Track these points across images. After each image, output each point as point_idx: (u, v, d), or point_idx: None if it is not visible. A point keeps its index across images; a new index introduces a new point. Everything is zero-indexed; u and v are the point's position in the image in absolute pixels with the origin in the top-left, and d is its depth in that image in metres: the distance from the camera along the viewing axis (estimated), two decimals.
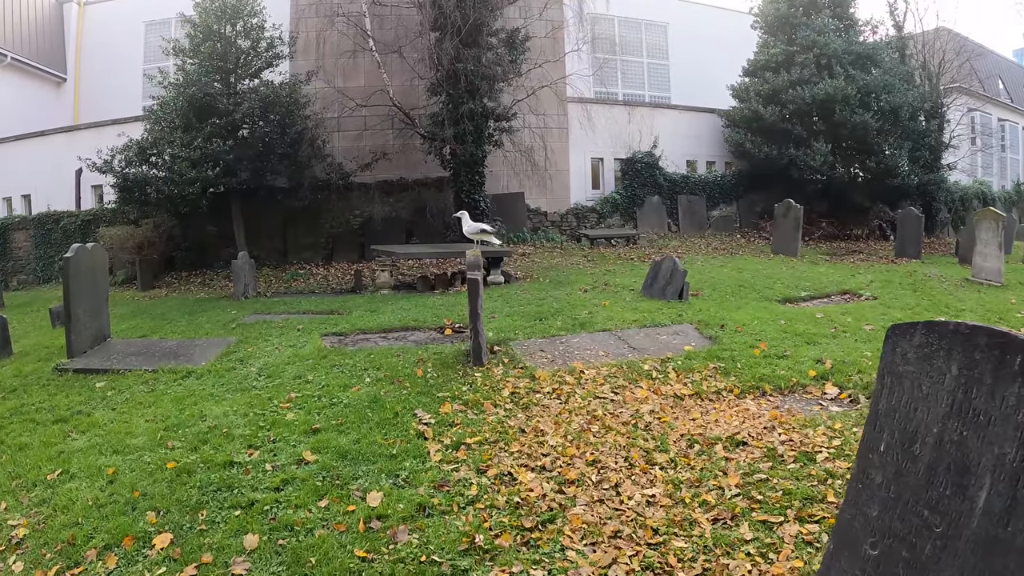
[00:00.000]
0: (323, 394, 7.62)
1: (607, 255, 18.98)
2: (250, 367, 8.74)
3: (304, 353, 9.19)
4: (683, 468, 5.65)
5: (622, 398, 7.37)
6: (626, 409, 7.01)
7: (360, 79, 18.66)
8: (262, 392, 7.78)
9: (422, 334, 10.72)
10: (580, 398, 7.36)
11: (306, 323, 11.07)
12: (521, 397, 7.52)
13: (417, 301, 12.92)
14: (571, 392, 7.58)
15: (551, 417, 6.85)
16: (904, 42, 24.42)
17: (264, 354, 9.32)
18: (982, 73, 28.93)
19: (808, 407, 7.08)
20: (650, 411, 6.86)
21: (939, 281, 15.32)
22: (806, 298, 13.08)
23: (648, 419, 6.70)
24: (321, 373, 8.34)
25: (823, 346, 8.96)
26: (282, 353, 9.27)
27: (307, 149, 16.81)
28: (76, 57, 25.05)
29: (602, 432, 6.43)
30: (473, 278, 8.52)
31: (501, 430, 6.60)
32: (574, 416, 6.85)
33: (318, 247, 18.57)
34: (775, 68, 22.61)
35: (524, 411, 7.13)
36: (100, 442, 6.57)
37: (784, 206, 19.82)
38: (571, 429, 6.52)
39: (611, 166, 23.44)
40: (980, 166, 29.45)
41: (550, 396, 7.49)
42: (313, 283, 16.08)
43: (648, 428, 6.52)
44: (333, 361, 8.81)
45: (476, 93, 17.02)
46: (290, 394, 7.60)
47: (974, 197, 27.86)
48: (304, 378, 8.17)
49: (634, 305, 11.73)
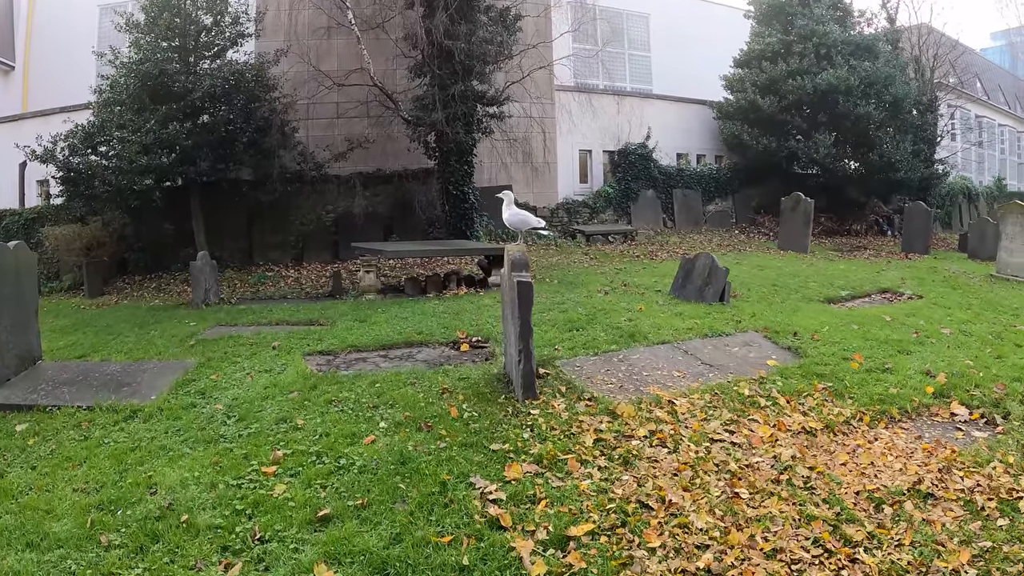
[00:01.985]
0: (323, 450, 5.18)
1: (609, 253, 16.90)
2: (215, 403, 6.23)
3: (285, 381, 6.71)
4: (890, 546, 4.23)
5: (744, 439, 5.63)
6: (759, 456, 5.35)
7: (334, 61, 16.08)
8: (234, 445, 5.31)
9: (432, 351, 8.26)
10: (691, 443, 5.50)
11: (282, 338, 8.53)
12: (612, 446, 5.42)
13: (412, 308, 10.44)
14: (675, 435, 5.65)
15: (670, 477, 4.96)
16: (897, 35, 23.26)
17: (232, 383, 6.81)
18: (960, 69, 28.03)
19: (948, 433, 6.02)
20: (792, 457, 5.27)
21: (966, 277, 14.37)
22: (847, 297, 11.91)
23: (800, 470, 5.10)
24: (314, 413, 5.90)
25: (918, 355, 7.88)
26: (256, 382, 6.77)
27: (276, 136, 14.37)
28: (26, 44, 22.17)
29: (756, 498, 4.72)
30: (523, 280, 6.09)
31: (614, 507, 4.48)
32: (701, 473, 5.02)
33: (287, 246, 15.96)
34: (772, 58, 21.07)
35: (627, 469, 5.09)
36: (9, 525, 4.28)
37: (793, 199, 18.21)
38: (712, 497, 4.70)
39: (600, 158, 21.39)
40: (959, 162, 28.70)
41: (650, 442, 5.51)
42: (284, 287, 13.44)
43: (808, 485, 4.92)
44: (326, 393, 6.35)
45: (468, 74, 14.65)
46: (275, 451, 5.12)
47: (959, 192, 27.29)
48: (291, 422, 5.72)
49: (675, 309, 10.02)
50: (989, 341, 8.69)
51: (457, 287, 12.21)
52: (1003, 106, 35.73)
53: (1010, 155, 35.57)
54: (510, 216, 8.92)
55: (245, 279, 13.82)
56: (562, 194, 20.05)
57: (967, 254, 18.41)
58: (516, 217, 8.86)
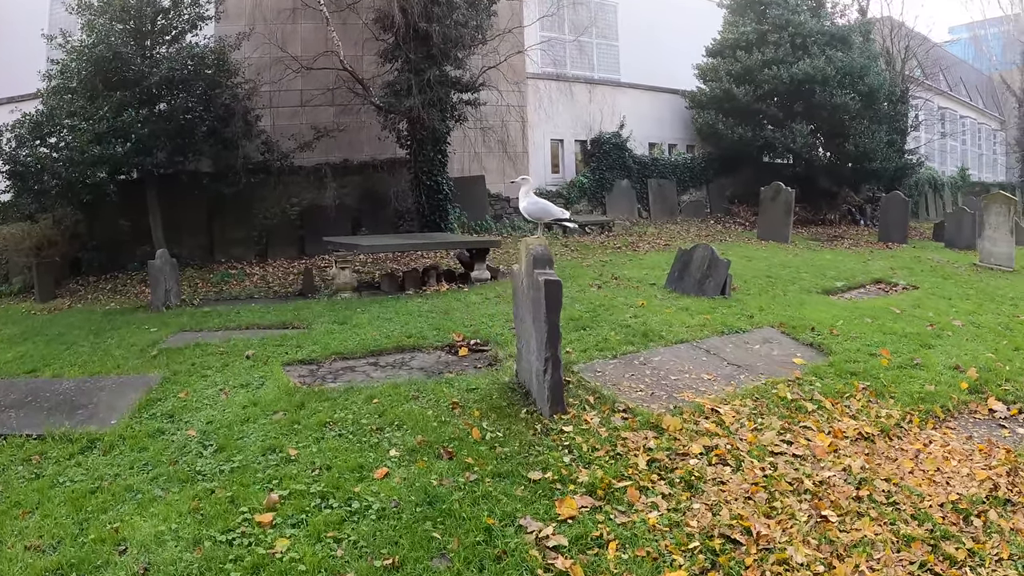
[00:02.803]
0: (328, 489, 4.22)
1: (589, 244, 16.08)
2: (186, 429, 5.23)
3: (266, 399, 5.72)
4: (991, 561, 3.84)
5: (805, 450, 5.08)
6: (829, 470, 4.79)
7: (299, 46, 14.88)
8: (216, 484, 4.34)
9: (427, 356, 7.31)
10: (752, 458, 4.87)
11: (256, 345, 7.49)
12: (668, 467, 4.72)
13: (394, 307, 9.47)
14: (732, 449, 4.98)
15: (744, 501, 4.31)
16: (869, 27, 22.86)
17: (204, 402, 5.80)
18: (931, 62, 28.29)
19: (994, 432, 5.69)
20: (861, 468, 4.75)
21: (952, 267, 14.27)
22: (843, 289, 11.57)
23: (878, 484, 4.60)
24: (307, 439, 4.94)
25: (940, 349, 7.56)
26: (232, 400, 5.78)
27: (238, 125, 13.19)
28: None
29: (845, 520, 4.15)
30: (551, 279, 5.18)
31: (697, 545, 3.83)
32: (777, 495, 4.40)
33: (250, 242, 14.77)
34: (746, 47, 20.52)
35: (694, 495, 4.40)
36: None
37: (773, 189, 17.65)
38: (801, 524, 4.08)
39: (571, 148, 20.51)
40: (929, 152, 28.80)
41: (708, 460, 4.83)
42: (250, 286, 12.29)
43: (891, 500, 4.43)
44: (317, 413, 5.39)
45: (444, 58, 13.68)
46: (270, 493, 4.14)
47: (925, 182, 27.14)
48: (281, 452, 4.75)
49: (678, 304, 9.37)
50: (1001, 332, 8.48)
51: (437, 283, 11.27)
52: (965, 98, 35.93)
53: (971, 146, 35.80)
54: (529, 205, 7.28)
55: (207, 278, 12.63)
56: (535, 184, 19.15)
57: (944, 243, 18.23)
58: (536, 207, 7.21)
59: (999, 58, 40.20)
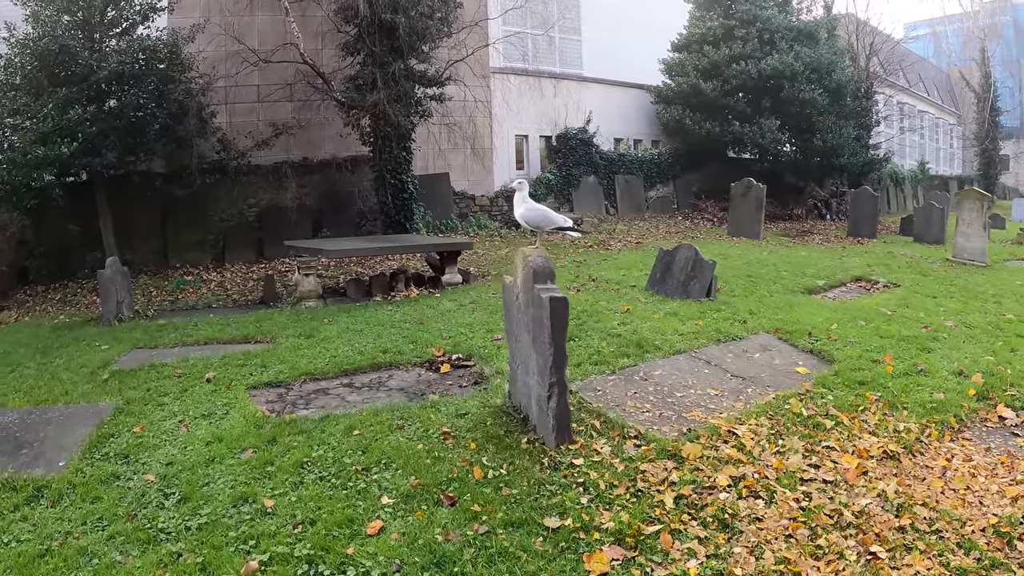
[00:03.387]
0: (315, 552, 3.59)
1: (559, 243, 15.53)
2: (143, 472, 4.54)
3: (232, 433, 5.04)
4: None
5: (834, 474, 4.67)
6: (864, 496, 4.39)
7: (255, 39, 14.05)
8: (183, 547, 3.69)
9: (406, 375, 6.70)
10: (784, 488, 4.43)
11: (216, 365, 6.79)
12: (697, 504, 4.21)
13: (364, 316, 8.81)
14: (760, 478, 4.53)
15: (785, 539, 3.88)
16: (834, 23, 22.78)
17: (163, 438, 5.10)
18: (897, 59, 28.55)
19: (1009, 441, 5.51)
20: (895, 492, 4.43)
21: (926, 263, 14.16)
22: (825, 287, 11.35)
23: (918, 511, 4.23)
24: (283, 484, 4.31)
25: (939, 353, 7.40)
26: (193, 435, 5.09)
27: (192, 122, 12.35)
28: None
29: (895, 556, 3.77)
30: (556, 296, 4.61)
31: None
32: (819, 531, 3.98)
33: (206, 245, 13.93)
34: (714, 42, 20.28)
35: (732, 536, 3.91)
36: None
37: (744, 185, 17.34)
38: (852, 564, 3.69)
39: (536, 144, 19.94)
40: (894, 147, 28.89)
41: (738, 493, 4.36)
42: (207, 294, 11.40)
43: (934, 528, 4.09)
44: (292, 450, 4.74)
45: (411, 51, 13.03)
46: (249, 563, 3.49)
47: (887, 176, 27.17)
48: (255, 502, 4.11)
49: (664, 308, 8.96)
50: (992, 333, 8.34)
51: (406, 288, 10.63)
52: (923, 94, 36.35)
53: (930, 140, 36.17)
54: (527, 212, 6.13)
55: (162, 285, 11.75)
56: (499, 181, 18.57)
57: (913, 238, 18.19)
58: (535, 213, 6.10)
59: (958, 54, 40.78)
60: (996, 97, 33.64)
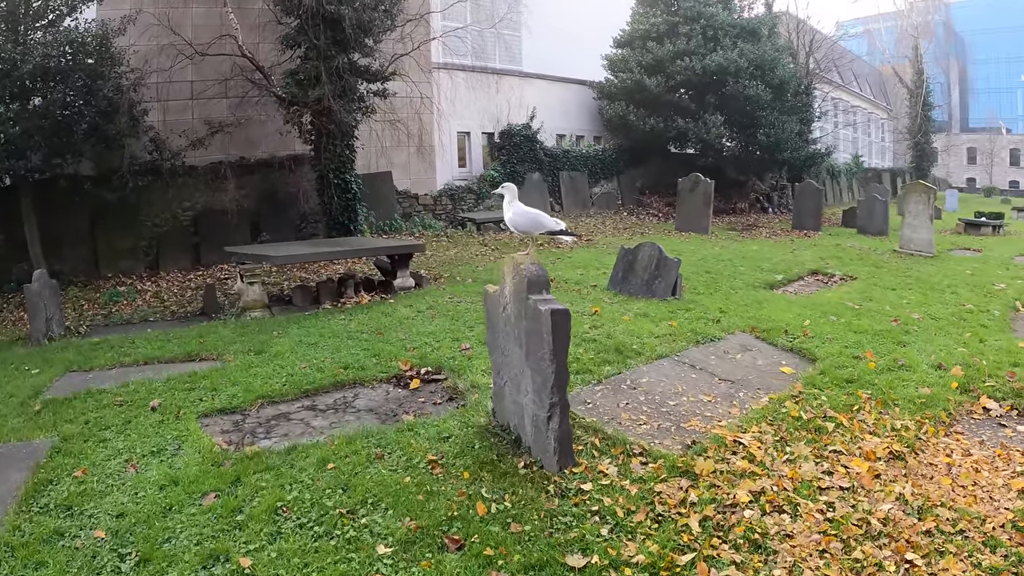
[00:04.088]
0: None
1: (508, 242, 15.12)
2: (92, 529, 3.83)
3: (188, 473, 4.38)
4: None
5: (848, 479, 4.46)
6: (883, 501, 4.20)
7: (189, 32, 13.04)
8: None
9: (373, 393, 6.09)
10: (805, 499, 4.17)
11: (161, 390, 6.05)
12: (723, 525, 3.87)
13: (316, 327, 8.15)
14: (779, 491, 4.26)
15: (820, 556, 3.65)
16: (775, 21, 23.07)
17: (109, 482, 4.37)
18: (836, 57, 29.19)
19: (998, 433, 5.46)
20: (912, 494, 4.28)
21: (875, 254, 14.33)
22: (784, 282, 11.32)
23: (939, 512, 4.06)
24: (258, 537, 3.68)
25: (914, 346, 7.35)
26: (145, 477, 4.40)
27: (123, 121, 11.41)
28: None
29: (930, 562, 3.62)
30: (557, 309, 4.08)
31: None
32: (852, 543, 3.75)
33: (140, 252, 12.92)
34: (657, 38, 20.16)
35: (767, 558, 3.60)
36: None
37: (691, 181, 17.24)
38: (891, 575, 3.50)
39: (479, 141, 19.45)
40: (833, 141, 29.43)
41: (761, 508, 4.05)
42: (143, 306, 10.45)
43: (958, 528, 3.92)
44: (260, 493, 4.12)
45: (357, 45, 12.39)
46: None
47: (824, 170, 27.66)
48: (229, 561, 3.47)
49: (631, 308, 8.68)
50: (959, 324, 8.39)
51: (356, 294, 10.00)
52: (857, 89, 36.98)
53: (863, 134, 36.89)
54: (515, 217, 5.27)
55: (94, 298, 10.75)
56: (443, 180, 18.02)
57: (856, 229, 18.26)
58: (524, 217, 5.30)
59: (892, 51, 41.70)
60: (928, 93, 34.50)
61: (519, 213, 5.08)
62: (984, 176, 61.52)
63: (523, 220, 5.08)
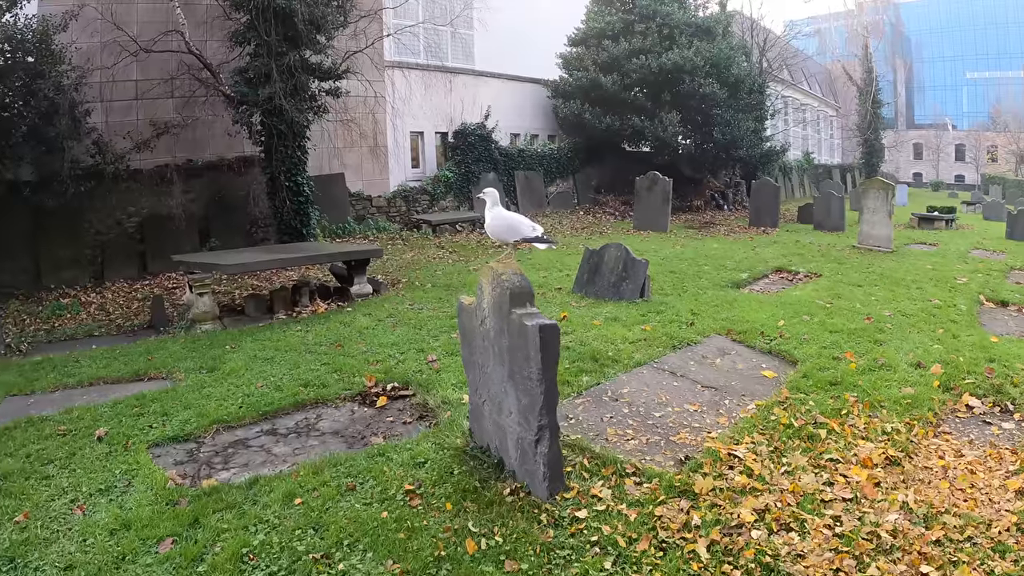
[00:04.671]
0: None
1: (465, 244, 14.79)
2: None
3: (140, 514, 3.93)
4: None
5: (849, 490, 4.28)
6: (888, 511, 4.03)
7: (135, 27, 12.27)
8: None
9: (337, 413, 5.69)
10: (811, 515, 3.95)
11: (108, 416, 5.53)
12: (732, 549, 3.61)
13: (271, 340, 7.68)
14: (783, 506, 4.05)
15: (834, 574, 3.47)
16: (729, 20, 23.04)
17: (55, 528, 3.90)
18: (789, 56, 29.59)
19: (985, 431, 5.42)
20: (915, 501, 4.15)
21: (835, 250, 14.35)
22: (749, 280, 11.23)
23: (946, 520, 3.92)
24: None
25: (891, 345, 7.28)
26: (93, 521, 3.93)
27: (64, 123, 10.66)
28: None
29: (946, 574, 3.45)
30: (546, 324, 3.75)
31: None
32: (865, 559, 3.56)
33: (83, 262, 12.13)
34: (613, 36, 20.05)
35: None
36: None
37: (650, 179, 17.13)
38: None
39: (432, 141, 19.08)
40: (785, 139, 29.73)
41: (768, 527, 3.82)
42: (88, 320, 9.76)
43: (967, 536, 3.77)
44: (223, 536, 3.70)
45: (310, 42, 11.90)
46: None
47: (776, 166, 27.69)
48: None
49: (600, 312, 8.51)
50: (930, 320, 8.34)
51: (312, 302, 9.57)
52: (806, 88, 37.49)
53: (812, 132, 37.37)
54: (495, 221, 4.75)
55: (35, 312, 10.01)
56: (396, 181, 17.60)
57: (813, 225, 18.32)
58: (503, 223, 4.73)
59: (842, 50, 42.32)
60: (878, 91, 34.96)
61: (496, 217, 4.71)
62: (931, 171, 63.17)
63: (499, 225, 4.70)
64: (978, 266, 12.58)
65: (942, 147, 64.32)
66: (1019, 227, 17.74)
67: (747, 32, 24.61)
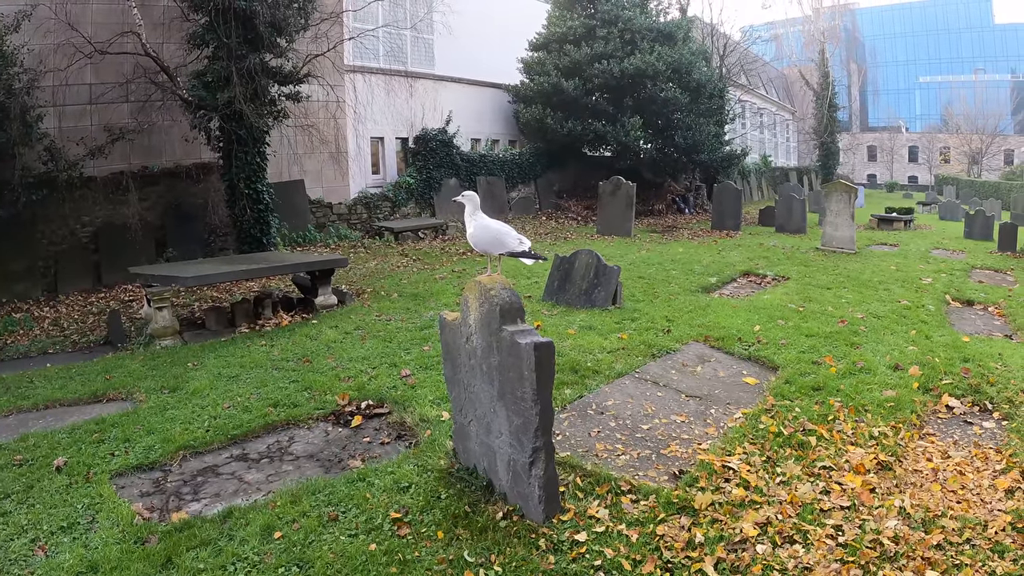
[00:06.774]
0: None
1: (428, 251, 14.51)
2: None
3: (108, 555, 3.64)
4: None
5: (847, 498, 4.22)
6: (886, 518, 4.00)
7: (89, 28, 11.69)
8: None
9: (310, 435, 5.41)
10: (812, 525, 3.89)
11: (66, 443, 5.18)
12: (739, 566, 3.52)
13: (235, 356, 7.35)
14: (784, 519, 3.96)
15: None
16: (689, 25, 23.25)
17: (15, 572, 3.57)
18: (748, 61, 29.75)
19: (967, 431, 5.43)
20: (912, 506, 4.11)
21: (800, 252, 14.34)
22: (719, 284, 11.08)
23: (944, 523, 3.92)
24: None
25: (867, 347, 7.29)
26: (56, 563, 3.62)
27: (15, 128, 10.10)
28: None
29: None
30: (541, 342, 3.54)
31: None
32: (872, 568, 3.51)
33: (35, 274, 11.64)
34: (575, 41, 19.95)
35: None
36: None
37: (613, 184, 16.99)
38: None
39: (392, 146, 18.74)
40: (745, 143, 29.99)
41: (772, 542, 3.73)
42: (41, 335, 9.32)
43: (966, 538, 3.78)
44: None
45: (270, 45, 11.57)
46: None
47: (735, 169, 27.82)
48: None
49: (573, 320, 8.33)
50: (901, 322, 8.37)
51: (275, 314, 9.25)
52: (763, 92, 37.97)
53: (769, 135, 37.83)
54: (479, 231, 4.48)
55: None
56: (356, 187, 17.26)
57: (775, 228, 18.32)
58: (487, 233, 4.45)
59: (799, 55, 42.88)
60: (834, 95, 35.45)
61: (479, 227, 4.37)
62: (885, 172, 64.50)
63: (483, 236, 4.39)
64: (941, 266, 12.71)
65: (896, 149, 65.70)
66: (977, 227, 18.03)
67: (707, 37, 24.78)
